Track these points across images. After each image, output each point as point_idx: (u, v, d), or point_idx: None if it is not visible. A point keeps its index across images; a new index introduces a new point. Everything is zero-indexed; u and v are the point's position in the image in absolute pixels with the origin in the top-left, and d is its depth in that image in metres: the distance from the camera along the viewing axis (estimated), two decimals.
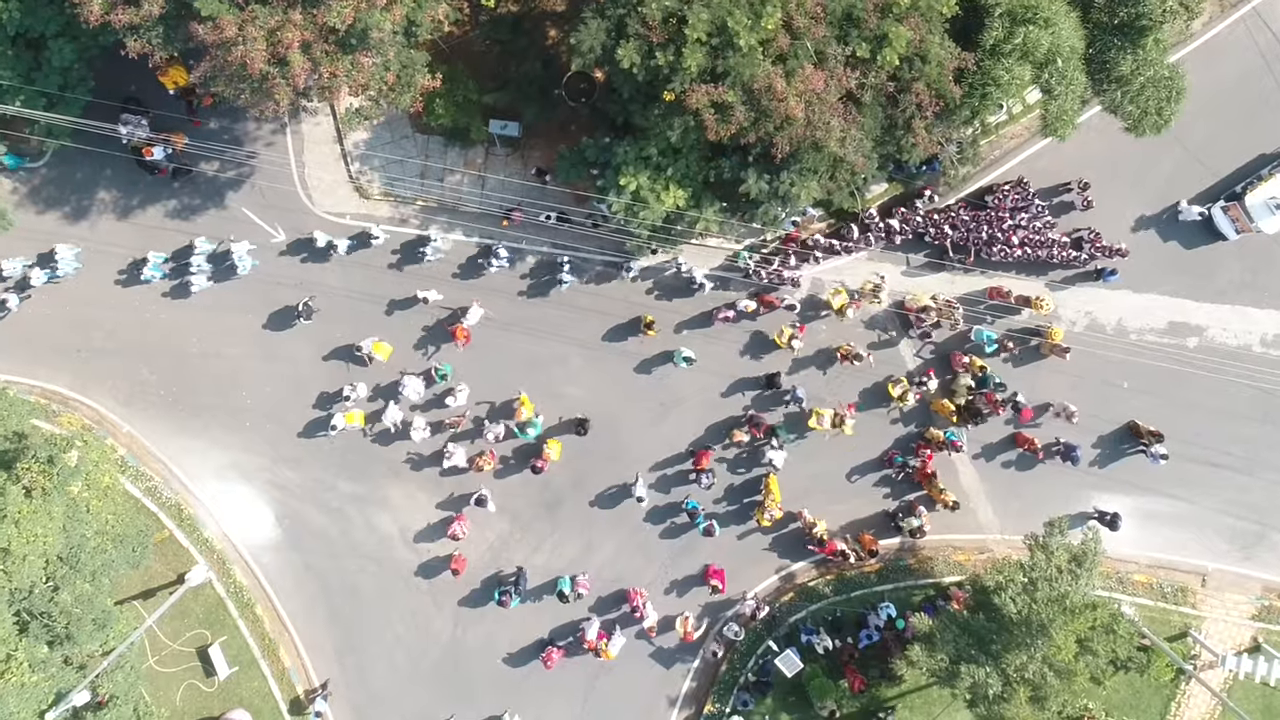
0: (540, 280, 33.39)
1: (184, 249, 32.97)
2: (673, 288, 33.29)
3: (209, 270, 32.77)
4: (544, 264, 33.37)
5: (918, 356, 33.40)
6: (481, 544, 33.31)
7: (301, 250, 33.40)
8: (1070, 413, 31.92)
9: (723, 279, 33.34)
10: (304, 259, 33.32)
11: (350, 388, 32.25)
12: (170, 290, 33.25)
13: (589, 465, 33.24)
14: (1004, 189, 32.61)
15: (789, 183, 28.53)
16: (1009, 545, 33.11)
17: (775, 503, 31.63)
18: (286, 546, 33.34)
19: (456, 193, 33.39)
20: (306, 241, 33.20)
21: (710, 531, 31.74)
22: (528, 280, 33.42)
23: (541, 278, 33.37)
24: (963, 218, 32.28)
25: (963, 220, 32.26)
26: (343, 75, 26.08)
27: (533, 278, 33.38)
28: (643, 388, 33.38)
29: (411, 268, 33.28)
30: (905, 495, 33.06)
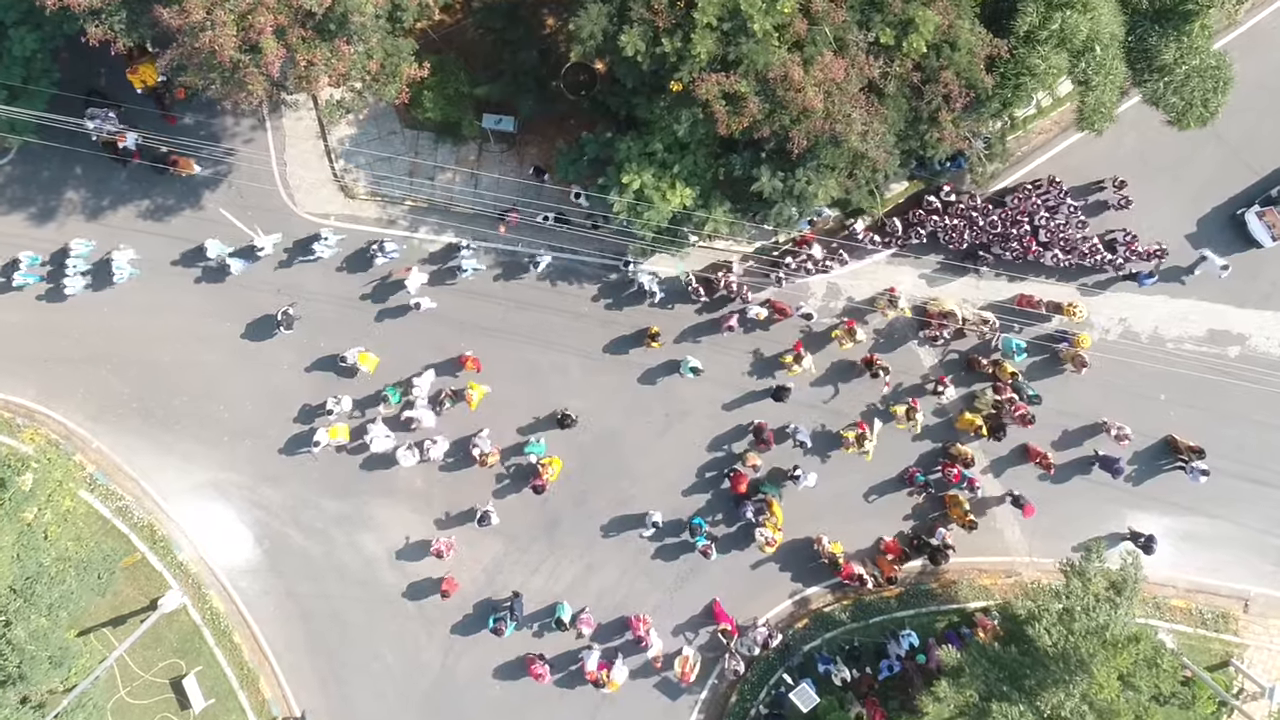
0: (536, 285, 31.12)
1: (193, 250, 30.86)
2: (679, 293, 31.00)
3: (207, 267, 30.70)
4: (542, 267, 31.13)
5: (940, 366, 31.11)
6: (475, 566, 31.00)
7: (281, 253, 31.15)
8: (1123, 434, 29.63)
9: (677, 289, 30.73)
10: (284, 262, 31.05)
11: (334, 401, 29.95)
12: (143, 296, 30.99)
13: (589, 482, 30.94)
14: (1025, 189, 30.33)
15: (805, 180, 26.23)
16: (1038, 568, 30.81)
17: (776, 527, 29.40)
18: (266, 570, 31.02)
19: (448, 192, 31.10)
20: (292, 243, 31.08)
21: (707, 553, 29.47)
22: (523, 285, 31.16)
23: (537, 283, 31.11)
24: (980, 220, 30.01)
25: (982, 223, 29.99)
26: (321, 64, 23.80)
27: (528, 283, 31.09)
28: (646, 399, 31.08)
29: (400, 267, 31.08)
30: (927, 515, 30.78)
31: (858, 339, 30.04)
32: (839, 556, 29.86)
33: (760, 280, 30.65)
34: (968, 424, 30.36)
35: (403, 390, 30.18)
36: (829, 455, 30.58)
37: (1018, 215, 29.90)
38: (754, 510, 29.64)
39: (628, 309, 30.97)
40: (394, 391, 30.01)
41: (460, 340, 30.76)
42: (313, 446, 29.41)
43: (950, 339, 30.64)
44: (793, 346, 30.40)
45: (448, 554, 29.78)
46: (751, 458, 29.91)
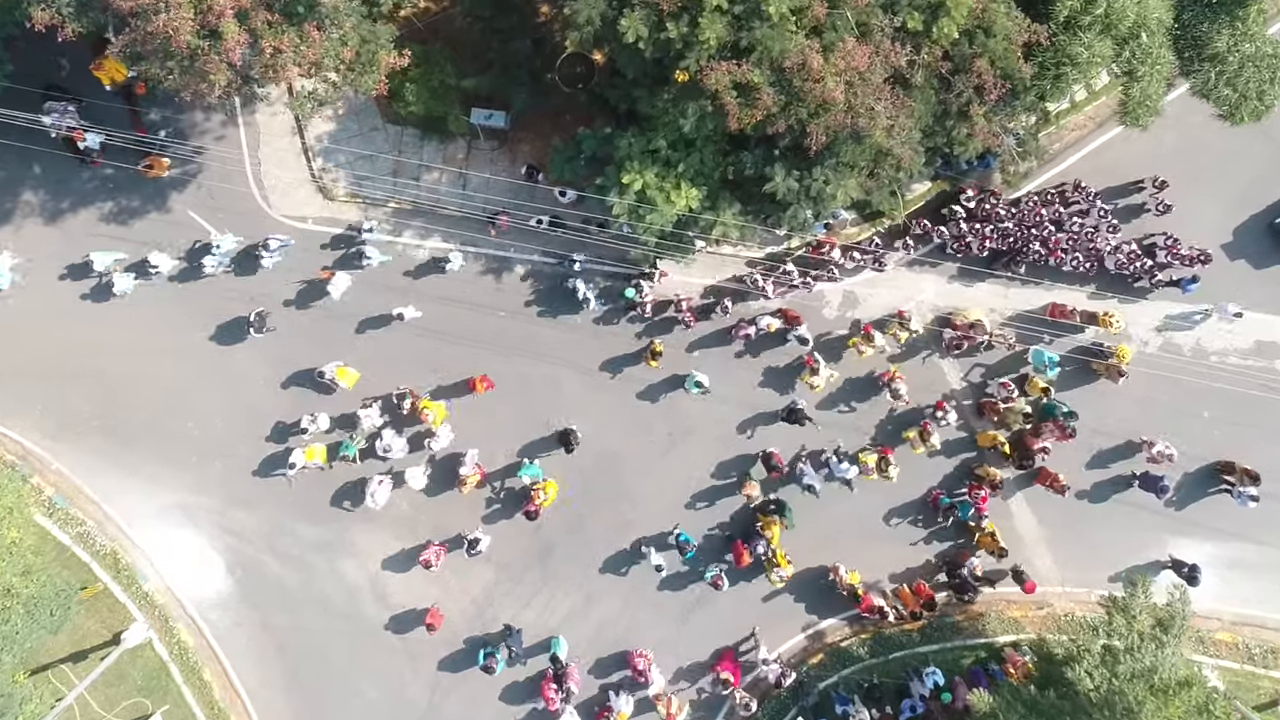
0: (528, 295, 28.69)
1: None
2: None
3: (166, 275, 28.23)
4: (533, 275, 28.67)
5: (964, 380, 28.66)
6: (463, 597, 28.54)
7: (256, 259, 28.67)
8: (1166, 454, 27.14)
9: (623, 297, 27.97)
10: (259, 269, 28.59)
11: (310, 419, 27.46)
12: (106, 304, 28.55)
13: (587, 506, 28.47)
14: (1049, 194, 27.86)
15: (823, 180, 23.82)
16: (1072, 599, 28.36)
17: (780, 556, 26.90)
18: (239, 600, 28.53)
19: (434, 193, 28.66)
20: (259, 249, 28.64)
21: (718, 583, 26.97)
22: (513, 294, 28.71)
23: (528, 292, 28.68)
24: (1001, 225, 27.65)
25: (1001, 228, 27.60)
26: (289, 51, 21.34)
27: (518, 291, 28.66)
28: (647, 416, 28.61)
29: (380, 278, 28.60)
30: (954, 541, 28.37)
31: (875, 344, 27.62)
32: (858, 587, 27.41)
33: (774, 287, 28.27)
34: (990, 441, 27.97)
35: (355, 438, 27.71)
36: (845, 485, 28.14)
37: (1039, 219, 27.49)
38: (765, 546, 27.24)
39: (627, 320, 28.51)
40: (350, 446, 27.47)
41: (445, 352, 28.30)
42: (288, 469, 26.95)
43: (977, 350, 28.23)
44: (805, 360, 28.01)
45: (437, 563, 27.26)
46: (749, 486, 27.51)
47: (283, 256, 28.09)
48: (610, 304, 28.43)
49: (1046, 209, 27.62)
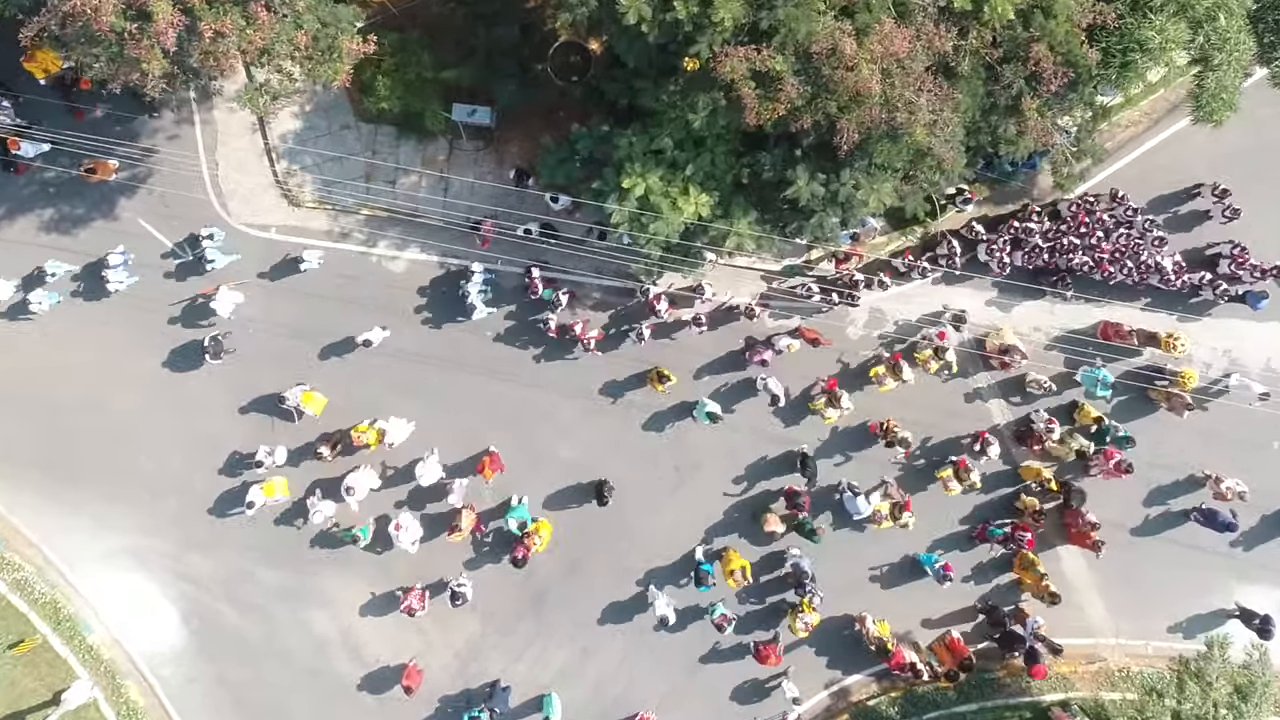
0: (516, 313, 25.42)
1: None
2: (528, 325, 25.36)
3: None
4: (522, 289, 25.39)
5: (1009, 403, 25.34)
6: (445, 651, 25.29)
7: (216, 273, 25.44)
8: (1236, 492, 23.88)
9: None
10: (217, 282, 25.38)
11: (266, 451, 24.19)
12: (50, 324, 25.39)
13: (583, 548, 25.20)
14: (1089, 202, 24.57)
15: (853, 184, 20.58)
16: (1127, 652, 25.09)
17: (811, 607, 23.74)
18: (194, 654, 25.25)
19: (412, 200, 25.41)
20: None
21: (722, 625, 23.71)
22: (501, 312, 25.44)
23: (517, 308, 25.43)
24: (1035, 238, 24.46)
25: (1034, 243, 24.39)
26: (233, 35, 18.11)
27: (507, 309, 25.38)
28: (652, 448, 25.32)
29: (356, 293, 25.38)
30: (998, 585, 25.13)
31: (904, 378, 24.30)
32: (887, 640, 24.18)
33: (790, 304, 25.04)
34: (1034, 475, 24.73)
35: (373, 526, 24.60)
36: (864, 526, 24.92)
37: (1083, 228, 24.25)
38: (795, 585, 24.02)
39: (630, 341, 25.27)
40: (365, 530, 24.34)
41: (424, 377, 25.08)
42: (246, 508, 23.70)
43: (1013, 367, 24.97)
44: (827, 384, 24.75)
45: (421, 608, 24.01)
46: (770, 520, 24.28)
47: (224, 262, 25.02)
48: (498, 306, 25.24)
49: (1090, 216, 24.39)
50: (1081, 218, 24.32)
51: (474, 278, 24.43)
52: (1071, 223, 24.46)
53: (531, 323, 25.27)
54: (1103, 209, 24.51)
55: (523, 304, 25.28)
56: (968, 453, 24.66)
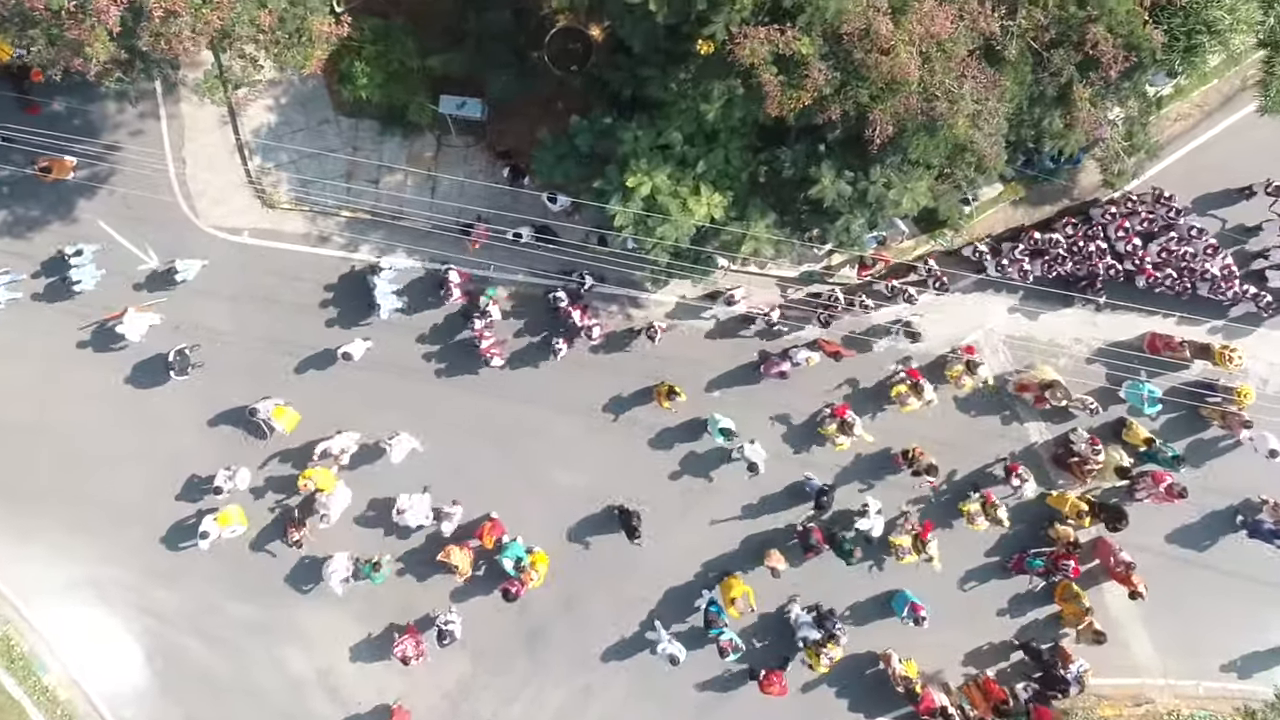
0: (509, 321, 23.18)
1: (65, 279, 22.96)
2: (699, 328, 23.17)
3: None
4: (516, 298, 23.19)
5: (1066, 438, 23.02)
6: (433, 693, 23.06)
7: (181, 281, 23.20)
8: None
9: None
10: (184, 292, 23.13)
11: (226, 474, 21.94)
12: None
13: (582, 581, 22.94)
14: (1129, 202, 22.33)
15: (884, 183, 18.37)
16: (1176, 694, 22.91)
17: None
18: (158, 694, 23.00)
19: (397, 201, 23.16)
20: None
21: (726, 650, 21.35)
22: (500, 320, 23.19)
23: (510, 318, 23.18)
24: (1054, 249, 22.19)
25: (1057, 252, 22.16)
26: (186, 14, 15.86)
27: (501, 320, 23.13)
28: (658, 470, 23.12)
29: (334, 302, 23.16)
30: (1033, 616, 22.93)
31: (925, 398, 22.08)
32: (915, 681, 21.98)
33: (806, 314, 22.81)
34: (1062, 504, 22.49)
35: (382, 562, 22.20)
36: (884, 559, 22.71)
37: (1120, 233, 22.04)
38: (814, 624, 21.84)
39: (634, 350, 23.05)
40: (378, 575, 22.03)
41: (407, 390, 22.83)
42: (200, 539, 21.43)
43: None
44: (835, 412, 22.46)
45: (417, 660, 21.75)
46: (773, 556, 21.99)
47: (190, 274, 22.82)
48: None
49: (1131, 219, 22.17)
50: (1120, 221, 22.10)
51: (383, 273, 22.22)
52: (1103, 227, 22.25)
53: (526, 334, 23.04)
54: (1145, 212, 22.29)
55: (525, 316, 23.07)
56: (998, 484, 22.42)
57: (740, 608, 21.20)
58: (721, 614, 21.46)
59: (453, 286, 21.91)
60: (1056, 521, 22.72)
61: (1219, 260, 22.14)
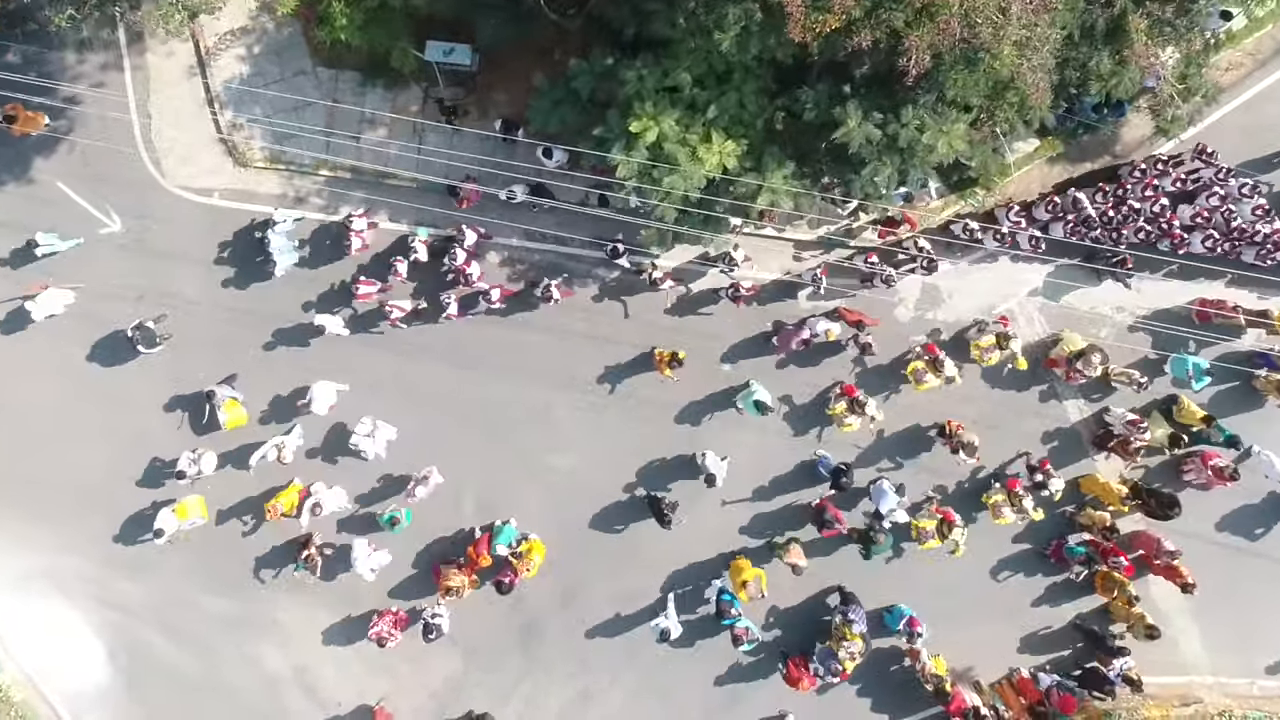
0: None
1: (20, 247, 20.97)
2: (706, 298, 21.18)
3: None
4: (511, 262, 21.23)
5: (1085, 402, 21.11)
6: (420, 692, 21.09)
7: (149, 246, 21.26)
8: None
9: None
10: (151, 257, 21.19)
11: (190, 458, 19.98)
12: None
13: (581, 572, 20.94)
14: (1161, 162, 20.33)
15: (916, 125, 16.40)
16: (1227, 693, 20.93)
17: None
18: (122, 694, 21.00)
19: (380, 157, 21.21)
20: (162, 229, 21.18)
21: (739, 637, 19.37)
22: None
23: (504, 284, 21.20)
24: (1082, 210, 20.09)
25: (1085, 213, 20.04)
26: None
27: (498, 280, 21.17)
28: (662, 452, 21.10)
29: (312, 269, 21.19)
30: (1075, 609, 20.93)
31: (946, 374, 20.00)
32: (945, 680, 20.00)
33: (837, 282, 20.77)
34: (1096, 489, 20.51)
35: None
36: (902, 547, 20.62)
37: (1148, 195, 19.96)
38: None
39: (637, 321, 21.09)
40: (408, 514, 20.22)
41: (383, 369, 20.85)
42: (154, 536, 19.47)
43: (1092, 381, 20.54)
44: (843, 390, 20.44)
45: (393, 638, 19.86)
46: (793, 552, 19.99)
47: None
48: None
49: (1162, 180, 20.12)
50: (1149, 180, 20.00)
51: (277, 226, 20.25)
52: (1132, 188, 20.19)
53: (518, 302, 21.04)
54: (1181, 173, 20.24)
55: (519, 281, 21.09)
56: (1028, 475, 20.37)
57: (751, 592, 19.22)
58: (735, 602, 19.44)
59: (353, 235, 19.97)
60: (1089, 506, 20.75)
61: (1271, 223, 20.10)
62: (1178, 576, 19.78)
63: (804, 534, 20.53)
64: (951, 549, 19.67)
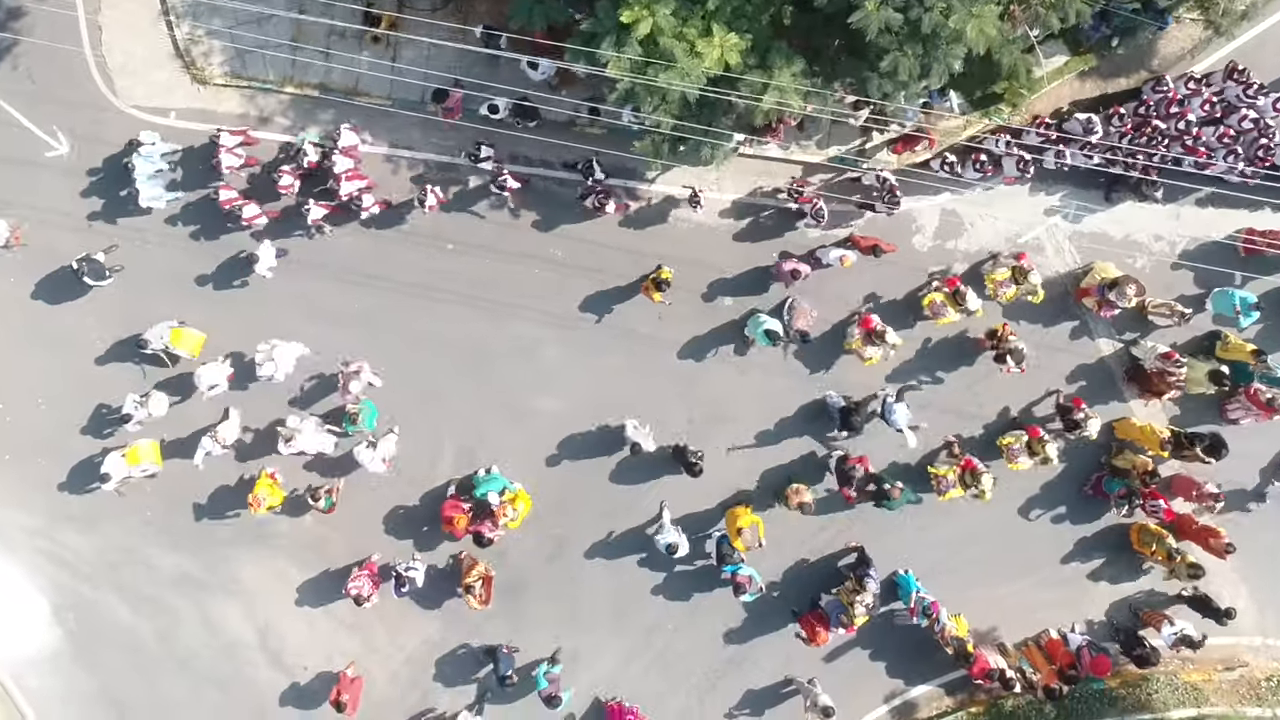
0: (480, 216, 19.25)
1: None
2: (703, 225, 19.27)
3: None
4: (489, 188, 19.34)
5: (1116, 340, 19.21)
6: (394, 655, 19.17)
7: (102, 171, 19.35)
8: None
9: None
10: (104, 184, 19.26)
11: (136, 402, 18.01)
12: None
13: (570, 524, 19.08)
14: (1190, 83, 18.37)
15: (942, 9, 14.48)
16: (1276, 656, 19.12)
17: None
18: (69, 659, 19.11)
19: (351, 72, 19.29)
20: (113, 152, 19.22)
21: (742, 585, 17.43)
22: (459, 217, 19.28)
23: (486, 212, 19.29)
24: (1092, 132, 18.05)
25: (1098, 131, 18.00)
26: None
27: (466, 213, 19.23)
28: (660, 392, 19.19)
29: None
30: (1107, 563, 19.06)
31: (968, 306, 18.06)
32: (967, 642, 18.12)
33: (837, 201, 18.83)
34: (1134, 434, 18.64)
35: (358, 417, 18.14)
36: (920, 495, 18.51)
37: (1169, 112, 18.05)
38: None
39: (635, 248, 19.17)
40: (371, 410, 18.38)
41: (350, 302, 18.90)
42: (102, 483, 17.59)
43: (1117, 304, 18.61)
44: (860, 322, 18.61)
45: (371, 596, 17.83)
46: (799, 492, 18.10)
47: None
48: None
49: (1192, 100, 18.17)
50: (1173, 95, 18.05)
51: (143, 148, 18.20)
52: (1158, 104, 18.23)
53: (495, 229, 19.12)
54: (1210, 94, 18.28)
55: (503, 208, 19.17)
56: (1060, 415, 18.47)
57: (747, 540, 17.35)
58: (733, 549, 17.59)
59: (222, 151, 18.06)
60: (1127, 449, 18.87)
61: None
62: (1214, 537, 17.89)
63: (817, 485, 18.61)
64: (978, 494, 17.77)
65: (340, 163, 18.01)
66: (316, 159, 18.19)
